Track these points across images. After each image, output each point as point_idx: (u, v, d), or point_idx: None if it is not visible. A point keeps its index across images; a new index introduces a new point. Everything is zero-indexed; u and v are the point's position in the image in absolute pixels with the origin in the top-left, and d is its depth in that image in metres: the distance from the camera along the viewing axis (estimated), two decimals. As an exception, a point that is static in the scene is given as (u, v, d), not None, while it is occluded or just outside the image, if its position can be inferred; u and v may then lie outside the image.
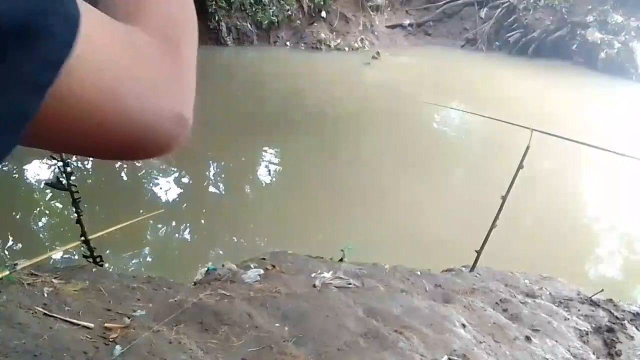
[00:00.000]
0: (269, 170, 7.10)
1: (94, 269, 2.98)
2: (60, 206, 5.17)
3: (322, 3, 13.92)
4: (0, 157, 0.35)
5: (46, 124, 0.35)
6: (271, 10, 13.19)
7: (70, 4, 0.35)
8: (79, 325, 2.26)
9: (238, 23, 12.93)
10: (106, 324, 2.31)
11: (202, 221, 5.57)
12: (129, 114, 0.40)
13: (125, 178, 6.29)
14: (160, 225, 5.18)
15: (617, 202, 6.63)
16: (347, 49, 13.75)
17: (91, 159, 6.55)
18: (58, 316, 2.29)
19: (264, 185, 6.78)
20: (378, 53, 13.15)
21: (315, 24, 13.98)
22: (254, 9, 13.07)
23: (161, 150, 0.45)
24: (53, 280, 2.67)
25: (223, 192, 6.43)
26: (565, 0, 13.83)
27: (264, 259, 3.54)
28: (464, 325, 2.90)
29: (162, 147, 0.44)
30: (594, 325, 3.24)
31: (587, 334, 3.13)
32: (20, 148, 0.38)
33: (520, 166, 3.47)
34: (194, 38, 0.50)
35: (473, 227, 4.27)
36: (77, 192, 2.88)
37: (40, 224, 5.19)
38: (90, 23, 0.36)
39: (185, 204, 5.83)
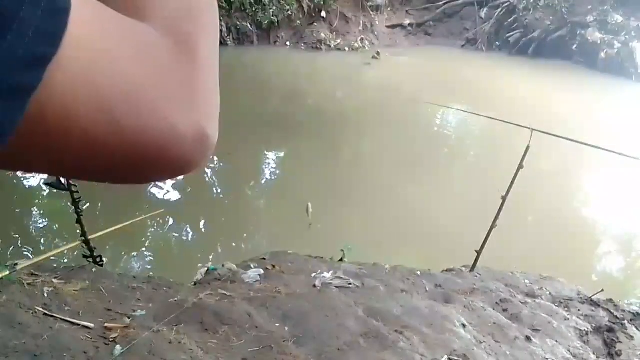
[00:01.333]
0: (269, 170, 7.11)
1: (94, 269, 2.98)
2: (60, 206, 5.17)
3: (322, 3, 13.92)
4: None
5: (28, 139, 0.30)
6: (271, 10, 13.19)
7: None
8: (79, 325, 2.26)
9: (238, 23, 12.93)
10: (106, 324, 2.31)
11: (202, 221, 5.57)
12: (131, 132, 0.32)
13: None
14: (160, 225, 5.18)
15: (617, 202, 6.63)
16: (347, 49, 13.75)
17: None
18: (58, 316, 2.29)
19: (264, 184, 6.78)
20: (378, 53, 13.15)
21: (316, 24, 13.98)
22: (254, 9, 13.07)
23: (177, 173, 0.37)
24: (53, 280, 2.67)
25: (223, 192, 6.43)
26: (565, 0, 13.83)
27: (264, 259, 3.54)
28: (464, 325, 2.90)
29: (178, 169, 0.36)
30: (594, 325, 3.24)
31: (587, 334, 3.13)
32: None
33: (520, 166, 3.47)
34: (215, 33, 0.42)
35: (473, 227, 4.27)
36: (77, 192, 2.88)
37: (40, 224, 5.19)
38: (82, 16, 0.31)
39: (185, 204, 5.83)
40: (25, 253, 4.38)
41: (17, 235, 4.74)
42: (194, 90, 0.36)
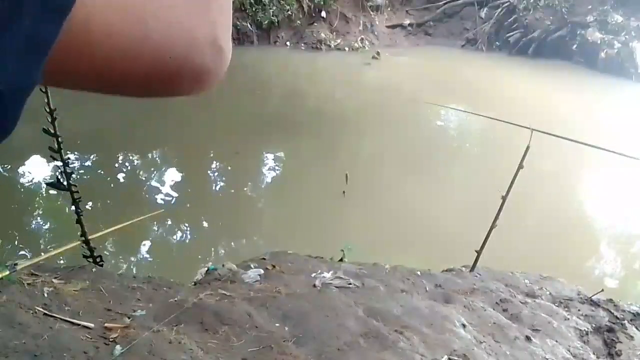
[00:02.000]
0: (269, 170, 7.11)
1: (94, 269, 2.98)
2: (60, 206, 5.17)
3: (322, 3, 13.92)
4: (23, 91, 0.32)
5: (65, 52, 0.33)
6: (271, 10, 13.19)
7: None
8: (79, 325, 2.26)
9: (238, 23, 12.93)
10: (106, 324, 2.31)
11: (202, 221, 5.57)
12: (160, 41, 0.37)
13: (125, 178, 6.29)
14: (160, 225, 5.18)
15: (617, 202, 6.63)
16: (347, 49, 13.75)
17: (91, 158, 6.56)
18: (58, 316, 2.29)
19: (264, 184, 6.78)
20: (378, 53, 13.16)
21: (316, 24, 13.98)
22: (254, 9, 13.07)
23: (198, 84, 0.41)
24: (53, 280, 2.67)
25: (223, 192, 6.43)
26: (565, 0, 13.83)
27: (264, 259, 3.54)
28: (464, 325, 2.90)
29: (198, 80, 0.41)
30: (594, 325, 3.24)
31: (587, 334, 3.13)
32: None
33: (520, 166, 3.47)
34: (228, 8, 0.46)
35: (473, 227, 4.27)
36: (77, 192, 2.88)
37: (40, 224, 5.19)
38: None
39: (185, 204, 5.83)
40: (25, 253, 4.38)
41: (17, 235, 4.74)
42: (209, 7, 0.40)
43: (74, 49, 0.33)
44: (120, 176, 6.32)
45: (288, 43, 13.61)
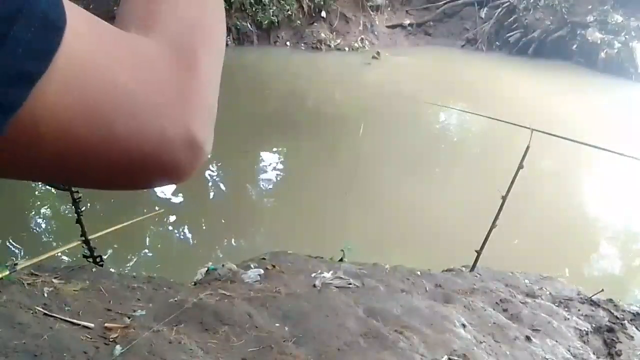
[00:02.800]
0: (269, 170, 7.10)
1: (94, 269, 2.98)
2: (60, 206, 5.17)
3: (322, 3, 13.92)
4: None
5: (20, 146, 0.30)
6: (271, 10, 13.19)
7: (51, 4, 0.30)
8: (79, 325, 2.26)
9: (238, 23, 12.93)
10: (106, 324, 2.31)
11: (202, 221, 5.57)
12: (122, 137, 0.33)
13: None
14: (160, 225, 5.18)
15: (617, 202, 6.63)
16: (347, 49, 13.74)
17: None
18: (58, 316, 2.29)
19: (264, 185, 6.78)
20: (378, 53, 13.15)
21: (316, 24, 13.97)
22: (254, 9, 13.07)
23: (166, 180, 0.38)
24: (53, 280, 2.67)
25: (223, 192, 6.43)
26: (565, 0, 13.83)
27: (264, 259, 3.54)
28: (464, 325, 2.90)
29: (168, 176, 0.37)
30: (594, 325, 3.24)
31: (587, 334, 3.13)
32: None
33: (520, 166, 3.47)
34: (219, 44, 0.42)
35: (473, 227, 4.27)
36: (77, 192, 2.88)
37: (40, 224, 5.19)
38: (77, 30, 0.31)
39: (185, 204, 5.83)
40: (25, 253, 4.38)
41: (17, 235, 4.74)
42: (187, 99, 0.36)
43: (17, 142, 0.30)
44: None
45: (288, 43, 13.61)
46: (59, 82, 0.30)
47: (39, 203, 5.50)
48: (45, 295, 2.46)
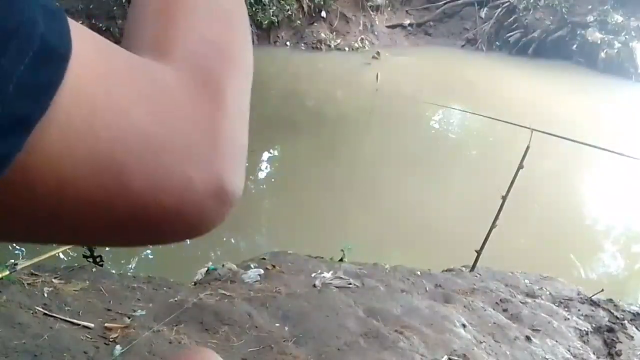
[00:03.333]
0: (269, 170, 7.11)
1: (94, 269, 2.98)
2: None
3: (322, 3, 13.92)
4: None
5: (3, 205, 0.25)
6: (271, 10, 13.19)
7: (53, 28, 0.24)
8: (79, 325, 2.26)
9: (238, 23, 12.93)
10: (106, 324, 2.31)
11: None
12: (139, 191, 0.27)
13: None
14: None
15: (617, 202, 6.63)
16: (347, 49, 13.75)
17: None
18: (58, 316, 2.29)
19: (264, 185, 6.78)
20: (378, 53, 13.15)
21: (316, 24, 13.98)
22: (254, 9, 13.07)
23: (191, 234, 0.32)
24: (53, 280, 2.67)
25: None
26: (565, 0, 13.83)
27: (264, 258, 3.54)
28: (464, 325, 2.90)
29: (191, 231, 0.31)
30: (594, 325, 3.24)
31: (587, 334, 3.13)
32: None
33: (520, 166, 3.47)
34: (247, 72, 0.37)
35: (473, 227, 4.27)
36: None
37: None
38: (84, 59, 0.26)
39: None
40: (26, 253, 4.38)
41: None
42: (215, 139, 0.31)
43: (7, 200, 0.24)
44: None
45: (288, 43, 13.61)
46: (62, 127, 0.24)
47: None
48: (45, 295, 2.46)
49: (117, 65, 0.28)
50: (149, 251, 4.88)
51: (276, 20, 13.27)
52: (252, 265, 3.37)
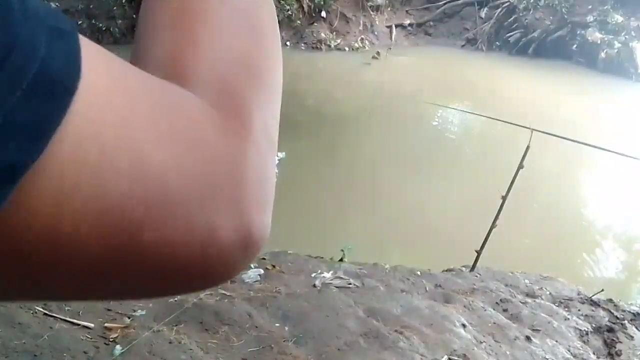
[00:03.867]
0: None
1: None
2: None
3: (322, 3, 13.92)
4: None
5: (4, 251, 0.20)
6: (271, 10, 13.19)
7: (58, 52, 0.20)
8: (79, 325, 2.26)
9: (238, 23, 12.93)
10: (106, 324, 2.31)
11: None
12: (153, 243, 0.23)
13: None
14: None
15: (617, 203, 6.63)
16: (347, 49, 13.75)
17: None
18: (58, 316, 2.29)
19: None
20: (378, 53, 13.16)
21: (315, 24, 13.98)
22: (254, 9, 13.07)
23: (210, 284, 0.28)
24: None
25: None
26: (565, 0, 13.83)
27: (264, 258, 3.54)
28: (464, 325, 2.90)
29: (212, 280, 0.28)
30: (594, 325, 3.24)
31: (587, 334, 3.13)
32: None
33: (520, 166, 3.47)
34: (276, 88, 0.32)
35: (473, 227, 4.27)
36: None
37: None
38: (95, 81, 0.21)
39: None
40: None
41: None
42: (243, 179, 0.26)
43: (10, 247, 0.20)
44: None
45: (288, 43, 13.61)
46: (59, 178, 0.20)
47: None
48: (45, 295, 2.45)
49: (134, 96, 0.23)
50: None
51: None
52: (252, 265, 3.37)
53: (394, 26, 14.76)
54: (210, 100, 0.27)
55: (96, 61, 0.22)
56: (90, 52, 0.21)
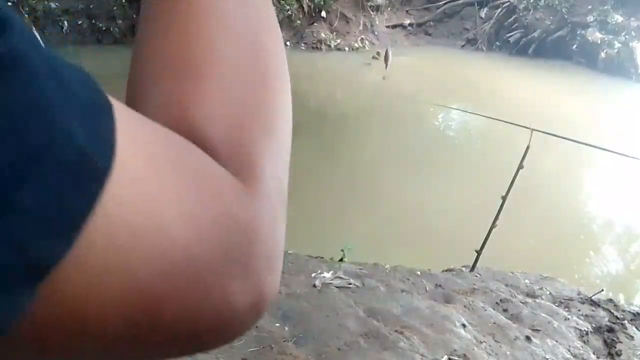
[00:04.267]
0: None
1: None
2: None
3: (322, 3, 13.92)
4: None
5: (14, 349, 0.19)
6: (271, 10, 13.19)
7: (94, 135, 0.18)
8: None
9: (238, 23, 12.93)
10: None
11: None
12: (169, 323, 0.23)
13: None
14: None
15: (618, 203, 6.63)
16: (347, 49, 13.75)
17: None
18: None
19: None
20: (378, 53, 13.16)
21: (316, 24, 13.98)
22: (254, 9, 13.07)
23: (220, 344, 0.28)
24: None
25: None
26: (565, 0, 13.83)
27: (264, 259, 3.53)
28: (464, 325, 2.90)
29: (223, 341, 0.28)
30: (594, 325, 3.24)
31: (587, 334, 3.13)
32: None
33: (520, 166, 3.47)
34: (287, 135, 0.31)
35: (473, 227, 4.27)
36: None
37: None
38: (128, 158, 0.20)
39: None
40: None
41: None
42: (255, 240, 0.25)
43: (18, 344, 0.19)
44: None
45: (288, 43, 13.61)
46: (89, 260, 0.19)
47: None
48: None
49: (164, 173, 0.22)
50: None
51: (276, 20, 13.28)
52: (252, 265, 3.37)
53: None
54: (223, 157, 0.26)
55: (129, 137, 0.21)
56: (124, 126, 0.20)
